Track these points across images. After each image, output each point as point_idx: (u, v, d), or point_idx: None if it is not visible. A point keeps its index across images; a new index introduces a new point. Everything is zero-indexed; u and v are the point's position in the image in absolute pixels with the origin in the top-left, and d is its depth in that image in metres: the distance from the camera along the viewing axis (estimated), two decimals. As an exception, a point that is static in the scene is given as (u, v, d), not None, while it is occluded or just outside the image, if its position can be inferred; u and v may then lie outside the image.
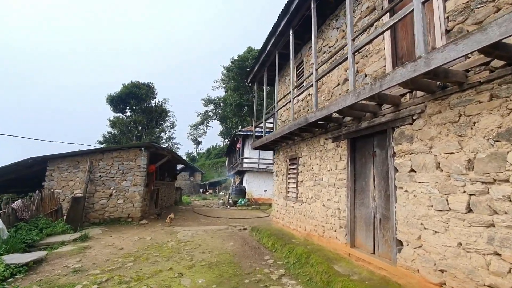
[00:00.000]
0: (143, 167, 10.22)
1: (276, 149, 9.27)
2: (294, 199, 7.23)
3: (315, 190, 6.11)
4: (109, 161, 10.16)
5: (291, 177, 7.70)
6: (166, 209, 14.40)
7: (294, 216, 7.18)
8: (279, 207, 8.38)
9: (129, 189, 10.07)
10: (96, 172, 10.04)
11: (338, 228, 5.13)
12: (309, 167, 6.55)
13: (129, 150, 10.27)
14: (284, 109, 8.75)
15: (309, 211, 6.37)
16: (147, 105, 48.93)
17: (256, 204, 17.72)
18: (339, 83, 5.61)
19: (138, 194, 10.05)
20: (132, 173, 10.17)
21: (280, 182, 8.50)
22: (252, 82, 10.46)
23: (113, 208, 9.90)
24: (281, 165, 8.59)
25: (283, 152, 8.52)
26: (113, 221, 9.86)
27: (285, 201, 7.89)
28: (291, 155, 7.72)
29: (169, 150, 10.56)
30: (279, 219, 8.34)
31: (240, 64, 44.11)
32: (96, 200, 9.87)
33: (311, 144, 6.56)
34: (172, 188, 16.76)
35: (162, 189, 13.76)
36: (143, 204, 10.20)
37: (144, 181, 10.21)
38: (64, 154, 9.81)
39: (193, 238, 7.66)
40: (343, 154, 5.17)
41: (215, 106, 59.55)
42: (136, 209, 9.99)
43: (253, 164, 18.62)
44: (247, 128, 19.94)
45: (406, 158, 3.65)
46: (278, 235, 7.13)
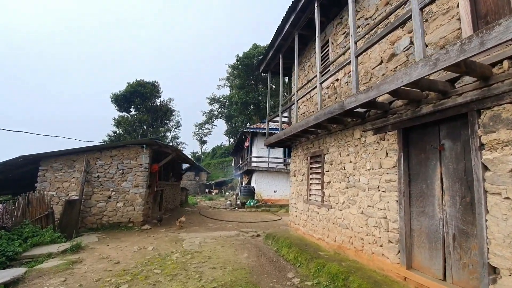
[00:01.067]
0: (145, 167, 9.26)
1: (293, 146, 8.20)
2: (319, 203, 6.16)
3: (349, 194, 5.03)
4: (108, 160, 9.22)
5: (313, 178, 6.63)
6: (171, 211, 13.45)
7: (319, 223, 6.11)
8: (299, 211, 7.32)
9: (130, 190, 9.11)
10: (93, 172, 9.11)
11: (385, 243, 4.05)
12: (339, 166, 5.47)
13: (129, 148, 9.31)
14: (303, 100, 7.68)
15: (340, 219, 5.29)
16: (152, 104, 48.27)
17: (265, 206, 16.68)
18: (381, 61, 4.52)
19: (140, 196, 9.09)
20: (133, 173, 9.21)
21: (299, 183, 7.43)
22: (265, 71, 9.40)
23: (112, 212, 8.96)
24: (300, 164, 7.52)
25: (302, 148, 7.45)
26: (112, 226, 8.92)
27: (307, 205, 6.82)
28: (314, 152, 6.65)
29: (173, 147, 9.58)
30: (298, 225, 7.27)
31: (246, 61, 43.08)
32: (94, 203, 8.94)
33: (341, 138, 5.48)
34: (177, 189, 15.82)
35: (167, 190, 12.81)
36: (145, 207, 9.24)
37: (147, 182, 9.25)
38: (58, 152, 8.90)
39: (201, 248, 6.65)
40: (391, 149, 4.08)
41: (220, 105, 58.69)
42: (137, 213, 9.03)
43: (263, 163, 17.57)
44: (256, 125, 18.90)
45: (507, 152, 2.56)
46: (300, 245, 6.07)
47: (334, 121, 5.27)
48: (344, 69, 5.56)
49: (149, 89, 45.92)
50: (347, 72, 5.49)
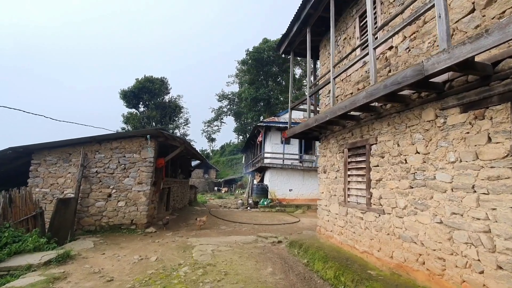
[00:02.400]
0: (149, 161, 8.13)
1: (322, 137, 6.91)
2: (363, 206, 4.87)
3: (416, 196, 3.73)
4: (108, 153, 8.13)
5: (353, 174, 5.33)
6: (179, 211, 12.35)
7: (364, 232, 4.82)
8: (332, 215, 6.03)
9: (133, 188, 8.00)
10: (91, 167, 8.04)
11: (490, 269, 2.74)
12: (396, 159, 4.17)
13: (132, 140, 8.19)
14: (337, 81, 6.35)
15: (400, 229, 4.00)
16: (161, 100, 47.55)
17: (280, 206, 15.43)
18: (473, 9, 3.18)
19: (144, 195, 7.98)
20: (136, 168, 8.10)
21: (332, 181, 6.14)
22: (286, 52, 8.09)
23: (113, 212, 7.87)
24: (332, 158, 6.23)
25: (336, 139, 6.15)
26: (113, 228, 7.84)
27: (344, 208, 5.53)
28: (354, 142, 5.35)
29: (182, 139, 8.43)
30: (332, 232, 5.99)
31: (256, 56, 41.76)
32: (92, 202, 7.88)
33: (400, 122, 4.17)
34: (186, 186, 14.74)
35: (175, 188, 11.70)
36: (150, 207, 8.12)
37: (151, 179, 8.12)
38: (52, 144, 7.86)
39: (215, 259, 5.45)
40: (500, 131, 2.76)
41: (229, 102, 57.70)
42: (141, 214, 7.91)
43: (277, 160, 16.30)
44: (269, 119, 17.63)
45: None
46: (339, 259, 4.80)
47: (393, 99, 3.96)
48: (404, 32, 4.23)
49: (158, 85, 45.20)
50: (409, 34, 4.16)
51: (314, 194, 16.51)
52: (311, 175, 16.60)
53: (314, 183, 16.57)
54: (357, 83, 5.52)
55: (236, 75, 55.78)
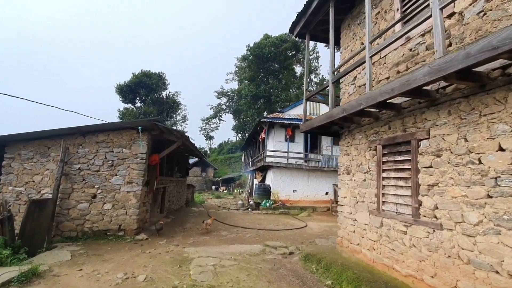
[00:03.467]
0: (141, 157, 7.06)
1: (344, 132, 5.89)
2: (409, 218, 3.85)
3: (499, 209, 2.72)
4: (93, 147, 7.04)
5: (392, 177, 4.31)
6: (175, 213, 11.28)
7: (409, 251, 3.81)
8: (360, 226, 5.01)
9: (121, 188, 6.93)
10: (73, 163, 6.95)
11: None
12: (463, 158, 3.15)
13: (121, 132, 7.11)
14: (360, 69, 5.32)
15: (469, 251, 2.99)
16: (158, 96, 46.37)
17: (284, 208, 14.43)
18: None
19: (134, 196, 6.91)
20: (125, 166, 7.02)
21: (359, 184, 5.12)
22: (301, 35, 7.03)
23: (97, 215, 6.80)
24: (359, 156, 5.21)
25: (364, 134, 5.14)
26: (97, 235, 6.76)
27: (377, 217, 4.51)
28: (391, 137, 4.34)
29: (179, 133, 7.35)
30: (360, 246, 4.97)
31: (257, 52, 40.70)
32: (73, 204, 6.80)
33: (471, 108, 3.15)
34: (183, 186, 13.66)
35: (170, 187, 10.63)
36: (141, 210, 7.05)
37: (143, 177, 7.06)
38: (28, 136, 6.77)
39: (218, 279, 4.41)
40: None
41: (228, 99, 56.61)
42: (130, 218, 6.85)
43: (281, 159, 15.27)
44: (274, 115, 16.57)
45: None
46: (376, 284, 3.79)
47: (466, 78, 2.93)
48: (475, -9, 3.21)
49: (155, 80, 44.01)
50: (484, -8, 3.13)
51: (320, 195, 15.55)
52: (316, 176, 15.62)
53: (320, 184, 15.60)
54: (397, 65, 4.49)
55: (236, 72, 54.64)
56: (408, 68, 4.21)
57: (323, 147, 16.10)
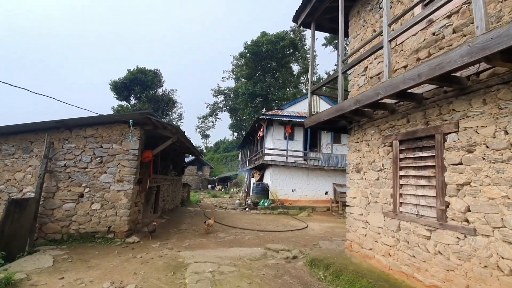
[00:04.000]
0: (133, 154, 6.54)
1: (354, 127, 5.45)
2: (433, 221, 3.42)
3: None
4: (80, 143, 6.51)
5: (411, 175, 3.88)
6: (170, 213, 10.76)
7: (434, 258, 3.38)
8: (371, 228, 4.57)
9: (111, 187, 6.41)
10: (58, 159, 6.41)
11: None
12: (503, 153, 2.73)
13: (111, 127, 6.58)
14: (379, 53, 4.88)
15: (513, 262, 2.56)
16: (154, 93, 45.63)
17: (282, 207, 13.99)
18: None
19: (125, 196, 6.39)
20: (116, 163, 6.50)
21: (371, 183, 4.69)
22: (306, 23, 6.58)
23: (85, 216, 6.27)
24: (372, 153, 4.77)
25: (377, 129, 4.70)
26: (84, 237, 6.24)
27: (393, 220, 4.08)
28: (411, 131, 3.91)
29: (174, 128, 6.83)
30: (372, 251, 4.53)
31: (254, 49, 40.18)
32: (58, 204, 6.26)
33: (509, 96, 2.72)
34: (178, 184, 13.13)
35: (165, 186, 10.11)
36: (132, 210, 6.53)
37: (135, 175, 6.54)
38: (9, 129, 6.21)
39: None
40: None
41: (225, 97, 56.07)
42: (121, 219, 6.33)
43: (280, 157, 14.82)
44: (273, 112, 16.11)
45: None
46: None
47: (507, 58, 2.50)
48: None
49: (151, 77, 43.26)
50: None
51: (319, 195, 15.15)
52: (316, 175, 15.21)
53: (319, 183, 15.20)
54: (416, 52, 4.05)
55: (232, 70, 54.09)
56: (431, 54, 3.78)
57: (323, 146, 15.70)
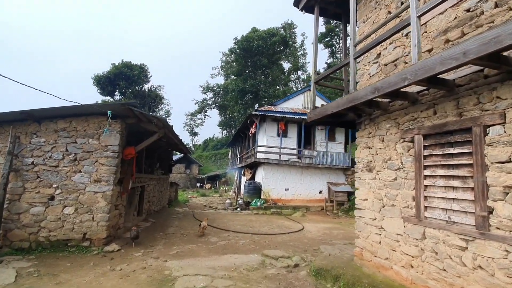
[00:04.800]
0: (113, 150, 5.75)
1: (364, 121, 4.89)
2: (471, 229, 2.89)
3: None
4: (51, 137, 5.66)
5: (439, 175, 3.34)
6: (156, 215, 9.96)
7: (472, 274, 2.85)
8: (388, 235, 4.03)
9: (87, 188, 5.61)
10: (25, 156, 5.55)
11: None
12: None
13: (87, 119, 5.76)
14: (397, 36, 4.33)
15: None
16: (140, 88, 44.12)
17: (276, 207, 13.43)
18: None
19: (103, 198, 5.60)
20: (92, 160, 5.69)
21: (387, 184, 4.14)
22: (308, 7, 5.97)
23: (56, 222, 5.45)
24: (387, 149, 4.23)
25: (394, 122, 4.16)
26: (55, 246, 5.42)
27: (417, 226, 3.54)
28: (439, 124, 3.37)
29: (161, 121, 6.07)
30: (389, 261, 3.99)
31: (245, 45, 39.36)
32: (25, 207, 5.41)
33: None
34: (165, 184, 12.31)
35: (150, 186, 9.30)
36: (112, 214, 5.76)
37: (115, 175, 5.76)
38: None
39: (211, 312, 3.28)
40: None
41: (214, 94, 55.06)
42: (98, 225, 5.54)
43: (273, 155, 14.23)
44: (266, 108, 15.46)
45: None
46: (428, 318, 2.79)
47: None
48: None
49: (137, 71, 41.73)
50: None
51: (313, 194, 14.69)
52: (310, 173, 14.73)
53: (313, 181, 14.74)
54: (445, 33, 3.51)
55: (222, 67, 53.15)
56: (464, 34, 3.24)
57: (317, 143, 15.23)
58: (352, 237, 8.55)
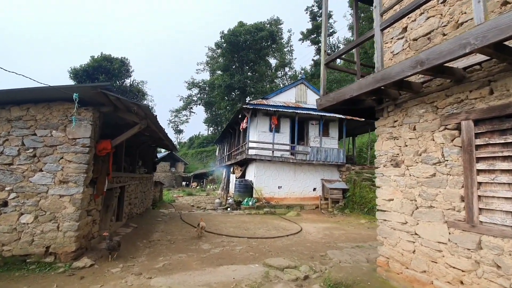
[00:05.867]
0: (83, 144, 4.72)
1: (388, 106, 4.17)
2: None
3: None
4: (2, 128, 4.56)
5: (500, 169, 2.65)
6: (139, 218, 8.91)
7: None
8: (424, 243, 3.32)
9: (50, 190, 4.56)
10: (-32, 153, 4.42)
11: None
12: None
13: (50, 106, 4.70)
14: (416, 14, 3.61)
15: None
16: (121, 83, 41.98)
17: (269, 206, 12.67)
18: None
19: (71, 202, 4.58)
20: (57, 156, 4.65)
21: (422, 181, 3.44)
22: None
23: (10, 234, 4.39)
24: (422, 139, 3.52)
25: (428, 107, 3.45)
26: (10, 263, 4.37)
27: (469, 234, 2.85)
28: (494, 107, 2.69)
29: (143, 109, 5.07)
30: (429, 275, 3.28)
31: (232, 39, 38.22)
32: (-32, 217, 4.30)
33: None
34: (148, 183, 11.22)
35: (132, 186, 8.25)
36: (83, 222, 4.74)
37: (87, 174, 4.74)
38: None
39: None
40: None
41: (200, 90, 53.58)
42: (65, 236, 4.52)
43: (265, 151, 13.43)
44: (257, 101, 14.60)
45: None
46: None
47: None
48: None
49: (118, 65, 39.64)
50: None
51: (307, 192, 14.05)
52: (303, 170, 14.07)
53: (307, 179, 14.09)
54: None
55: (207, 62, 51.72)
56: None
57: (311, 139, 14.58)
58: (356, 239, 7.94)
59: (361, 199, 12.49)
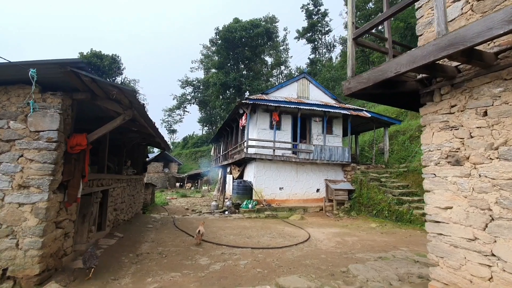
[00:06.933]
0: (48, 138, 3.72)
1: (436, 90, 3.29)
2: None
3: None
4: None
5: None
6: (126, 226, 7.86)
7: None
8: (509, 268, 2.44)
9: (6, 198, 3.56)
10: None
11: None
12: None
13: (7, 90, 3.67)
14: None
15: None
16: (112, 81, 40.57)
17: (270, 209, 11.75)
18: None
19: (34, 213, 3.58)
20: (15, 154, 3.64)
21: (502, 185, 2.56)
22: None
23: (-50, 255, 3.36)
24: (495, 129, 2.64)
25: (506, 85, 2.57)
26: None
27: None
28: None
29: (125, 93, 4.07)
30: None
31: (227, 35, 37.20)
32: None
33: None
34: (138, 185, 10.16)
35: (118, 190, 7.21)
36: (49, 237, 3.74)
37: (54, 176, 3.74)
38: None
39: None
40: None
41: (193, 89, 52.32)
42: (26, 255, 3.52)
43: (266, 150, 12.50)
44: (257, 96, 13.66)
45: None
46: None
47: None
48: None
49: (108, 62, 38.34)
50: None
51: (310, 193, 13.18)
52: (306, 170, 13.20)
53: (310, 179, 13.22)
54: None
55: (201, 60, 50.54)
56: None
57: (313, 136, 13.72)
58: (374, 248, 7.03)
59: (368, 201, 11.67)
